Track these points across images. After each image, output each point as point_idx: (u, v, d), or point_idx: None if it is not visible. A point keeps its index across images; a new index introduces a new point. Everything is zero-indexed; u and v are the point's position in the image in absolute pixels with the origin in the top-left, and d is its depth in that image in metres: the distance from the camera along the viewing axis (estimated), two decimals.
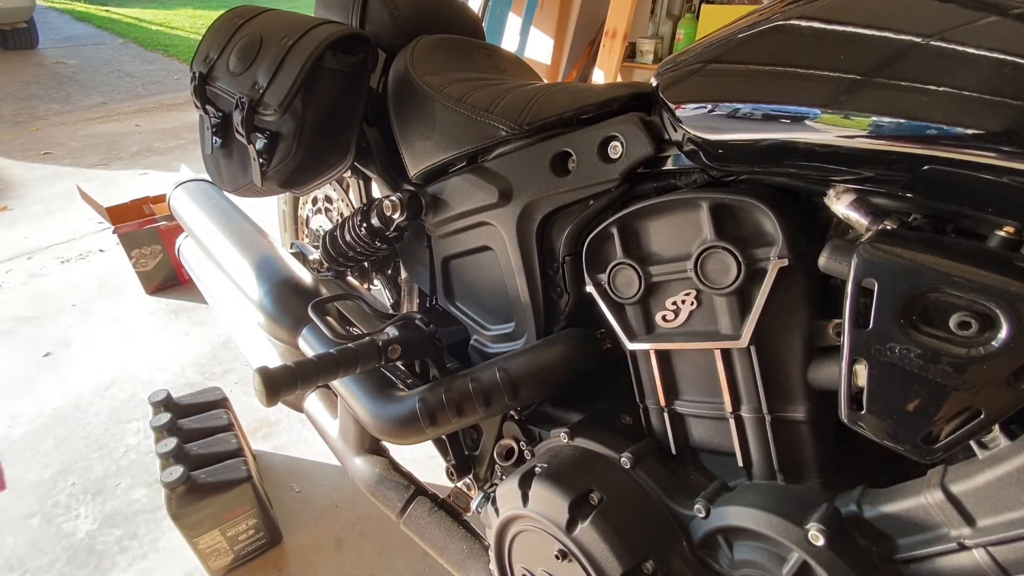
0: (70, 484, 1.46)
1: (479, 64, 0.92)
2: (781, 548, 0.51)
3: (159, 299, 2.24)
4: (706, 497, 0.57)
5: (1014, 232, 0.36)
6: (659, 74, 0.54)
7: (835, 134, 0.40)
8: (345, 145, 0.89)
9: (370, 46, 0.86)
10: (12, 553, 1.29)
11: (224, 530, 1.17)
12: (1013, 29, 0.35)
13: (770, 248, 0.50)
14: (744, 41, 0.47)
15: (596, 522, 0.58)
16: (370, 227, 0.93)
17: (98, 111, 4.74)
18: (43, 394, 1.77)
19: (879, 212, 0.42)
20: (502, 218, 0.74)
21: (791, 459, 0.55)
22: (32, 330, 2.08)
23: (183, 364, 1.88)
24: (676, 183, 0.59)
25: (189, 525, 1.12)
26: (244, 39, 0.88)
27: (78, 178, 3.18)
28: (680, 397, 0.61)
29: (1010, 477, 0.38)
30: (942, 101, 0.35)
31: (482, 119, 0.73)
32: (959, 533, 0.41)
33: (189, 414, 1.30)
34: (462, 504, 0.88)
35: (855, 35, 0.41)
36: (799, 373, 0.52)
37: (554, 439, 0.71)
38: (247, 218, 1.21)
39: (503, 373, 0.69)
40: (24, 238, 2.71)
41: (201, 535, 1.14)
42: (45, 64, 6.13)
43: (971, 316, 0.36)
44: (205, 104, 0.92)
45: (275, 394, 0.67)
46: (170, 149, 3.86)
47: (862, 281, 0.40)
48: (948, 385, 0.38)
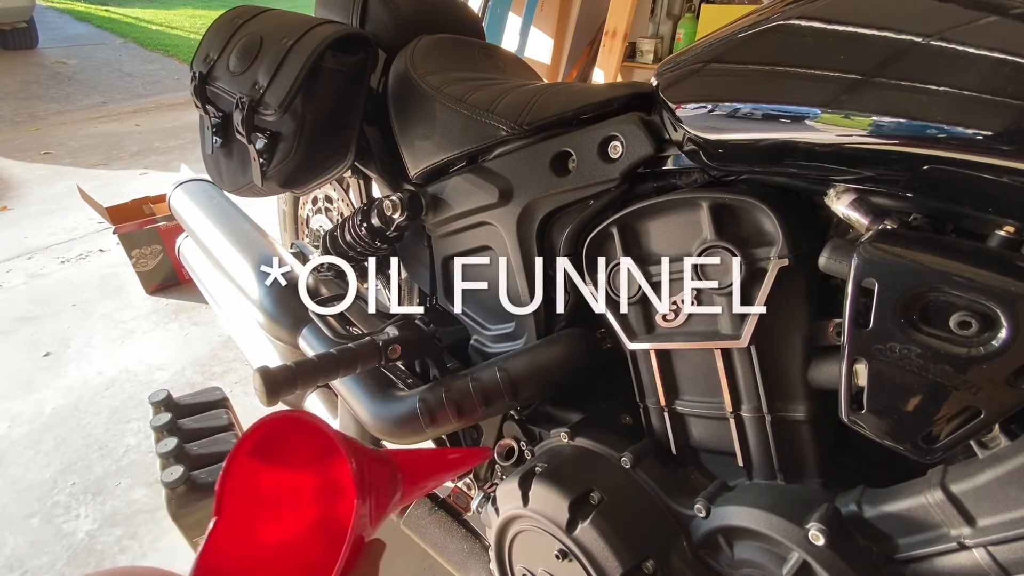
0: (70, 484, 1.46)
1: (479, 64, 0.92)
2: (781, 548, 0.51)
3: (159, 299, 2.24)
4: (706, 497, 0.57)
5: (1014, 232, 0.36)
6: (659, 74, 0.54)
7: (835, 134, 0.40)
8: (345, 145, 0.89)
9: (370, 46, 0.86)
10: (12, 553, 1.29)
11: None
12: (1013, 29, 0.35)
13: (770, 248, 0.50)
14: (744, 41, 0.47)
15: (596, 522, 0.58)
16: (370, 227, 0.93)
17: (98, 111, 4.74)
18: (43, 394, 1.77)
19: (879, 212, 0.42)
20: (502, 218, 0.74)
21: (791, 459, 0.55)
22: (32, 330, 2.08)
23: (183, 364, 1.88)
24: (676, 183, 0.59)
25: (189, 525, 1.11)
26: (244, 39, 0.88)
27: (78, 178, 3.18)
28: (680, 397, 0.61)
29: (1010, 477, 0.38)
30: (942, 101, 0.35)
31: (482, 119, 0.73)
32: (959, 533, 0.41)
33: (189, 414, 1.30)
34: (462, 504, 0.88)
35: (855, 35, 0.41)
36: (799, 373, 0.52)
37: (554, 439, 0.71)
38: (247, 218, 1.21)
39: (503, 373, 0.69)
40: (24, 238, 2.71)
41: (201, 535, 1.13)
42: (45, 64, 6.13)
43: (971, 316, 0.36)
44: (205, 104, 0.92)
45: (275, 394, 0.67)
46: (170, 149, 3.86)
47: (862, 281, 0.40)
48: (948, 385, 0.38)
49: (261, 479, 0.43)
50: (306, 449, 0.44)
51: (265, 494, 0.43)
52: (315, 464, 0.45)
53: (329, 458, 0.44)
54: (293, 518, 0.44)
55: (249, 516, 0.42)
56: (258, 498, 0.43)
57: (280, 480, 0.44)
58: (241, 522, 0.42)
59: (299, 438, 0.43)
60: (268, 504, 0.44)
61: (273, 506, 0.44)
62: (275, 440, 0.43)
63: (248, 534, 0.42)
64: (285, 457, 0.44)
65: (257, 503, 0.43)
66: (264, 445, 0.43)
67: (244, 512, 0.42)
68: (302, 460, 0.44)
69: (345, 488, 0.44)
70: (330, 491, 0.45)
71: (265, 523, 0.43)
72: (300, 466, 0.45)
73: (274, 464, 0.44)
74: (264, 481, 0.43)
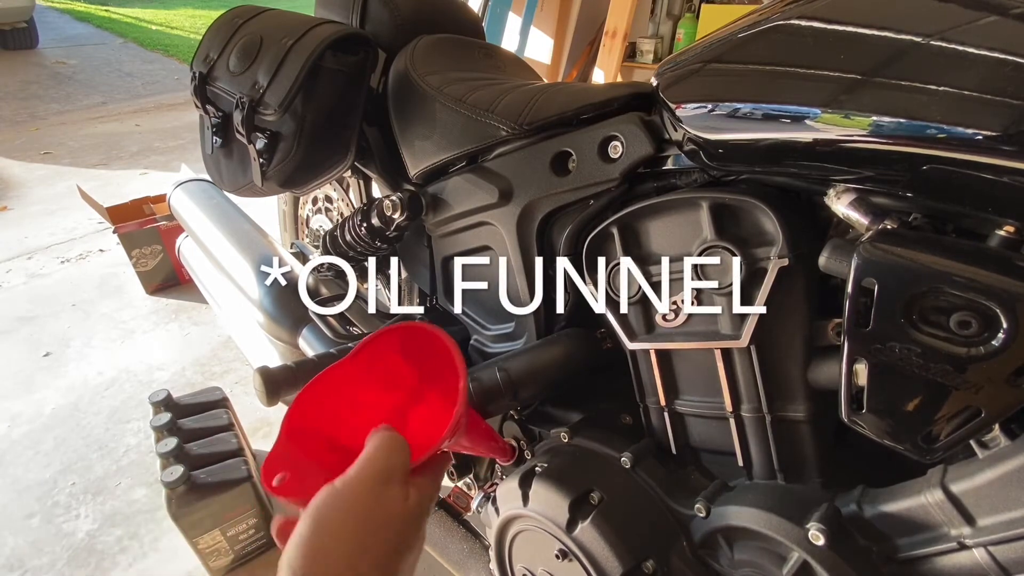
0: (70, 484, 1.46)
1: (479, 64, 0.92)
2: (781, 548, 0.51)
3: (159, 299, 2.24)
4: (706, 497, 0.57)
5: (1014, 232, 0.36)
6: (659, 74, 0.54)
7: (835, 134, 0.40)
8: (345, 145, 0.89)
9: (370, 46, 0.86)
10: (12, 553, 1.29)
11: (224, 530, 1.17)
12: (1013, 29, 0.35)
13: (770, 248, 0.50)
14: (744, 41, 0.47)
15: (596, 522, 0.58)
16: (370, 227, 0.93)
17: (98, 111, 4.74)
18: (43, 394, 1.77)
19: (879, 212, 0.42)
20: (502, 218, 0.74)
21: (791, 459, 0.55)
22: (32, 330, 2.08)
23: (183, 364, 1.88)
24: (676, 183, 0.59)
25: (189, 525, 1.12)
26: (244, 39, 0.88)
27: (78, 178, 3.18)
28: (680, 397, 0.61)
29: (1010, 477, 0.38)
30: (942, 101, 0.35)
31: (482, 119, 0.73)
32: (959, 533, 0.41)
33: (189, 414, 1.30)
34: (462, 504, 0.88)
35: (855, 35, 0.41)
36: (799, 373, 0.52)
37: (554, 439, 0.71)
38: (247, 218, 1.22)
39: (503, 373, 0.69)
40: (24, 238, 2.71)
41: (201, 535, 1.14)
42: (45, 64, 6.13)
43: (971, 316, 0.36)
44: (205, 104, 0.92)
45: (275, 394, 0.67)
46: (170, 149, 3.86)
47: (862, 281, 0.40)
48: (948, 385, 0.38)
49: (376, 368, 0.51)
50: (416, 359, 0.51)
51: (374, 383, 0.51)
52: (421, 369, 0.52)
53: (430, 375, 0.52)
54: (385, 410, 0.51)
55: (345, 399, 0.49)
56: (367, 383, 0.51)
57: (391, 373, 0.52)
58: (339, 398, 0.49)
59: (417, 344, 0.50)
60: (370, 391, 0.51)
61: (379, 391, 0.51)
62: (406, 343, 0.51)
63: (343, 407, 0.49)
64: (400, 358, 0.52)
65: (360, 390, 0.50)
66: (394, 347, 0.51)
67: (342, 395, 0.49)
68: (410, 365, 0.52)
69: (430, 400, 0.52)
70: (416, 399, 0.53)
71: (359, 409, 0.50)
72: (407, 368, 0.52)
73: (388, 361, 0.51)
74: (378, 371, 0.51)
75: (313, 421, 0.47)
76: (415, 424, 0.51)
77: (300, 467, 0.44)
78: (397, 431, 0.43)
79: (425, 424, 0.50)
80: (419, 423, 0.51)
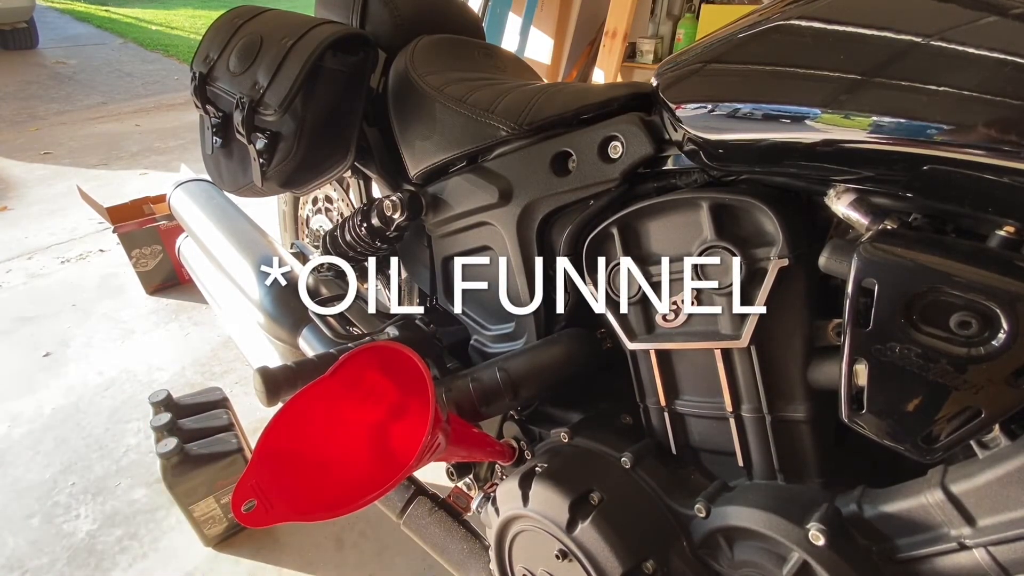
0: (70, 484, 1.46)
1: (479, 64, 0.92)
2: (781, 548, 0.51)
3: (159, 299, 2.24)
4: (706, 497, 0.57)
5: (1014, 232, 0.36)
6: (659, 74, 0.54)
7: (835, 134, 0.40)
8: (345, 145, 0.89)
9: (370, 46, 0.86)
10: (12, 553, 1.29)
11: (218, 497, 1.21)
12: (1013, 29, 0.35)
13: (770, 248, 0.50)
14: (744, 41, 0.47)
15: (596, 522, 0.58)
16: (370, 227, 0.93)
17: (98, 111, 4.74)
18: (43, 394, 1.76)
19: (879, 212, 0.42)
20: (502, 218, 0.74)
21: (791, 459, 0.55)
22: (32, 330, 2.07)
23: (183, 364, 1.88)
24: (676, 183, 0.59)
25: (184, 493, 1.16)
26: (244, 39, 0.88)
27: (78, 178, 3.18)
28: (680, 397, 0.61)
29: (1010, 477, 0.38)
30: (942, 101, 0.35)
31: (482, 119, 0.73)
32: (959, 533, 0.41)
33: (189, 414, 1.30)
34: (462, 504, 0.88)
35: (855, 35, 0.41)
36: (799, 373, 0.52)
37: (554, 439, 0.71)
38: (247, 218, 1.21)
39: (503, 373, 0.69)
40: (24, 238, 2.71)
41: (196, 502, 1.19)
42: (45, 64, 6.13)
43: (971, 316, 0.36)
44: (205, 104, 0.92)
45: (275, 394, 0.67)
46: (170, 149, 3.86)
47: (862, 281, 0.40)
48: (948, 385, 0.38)
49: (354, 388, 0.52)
50: (395, 376, 0.52)
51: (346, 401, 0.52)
52: (395, 392, 0.53)
53: (408, 391, 0.52)
54: (355, 433, 0.52)
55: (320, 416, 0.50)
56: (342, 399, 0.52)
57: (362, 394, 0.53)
58: (311, 417, 0.50)
59: (395, 362, 0.51)
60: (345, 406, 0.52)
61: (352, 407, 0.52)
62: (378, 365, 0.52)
63: (311, 431, 0.50)
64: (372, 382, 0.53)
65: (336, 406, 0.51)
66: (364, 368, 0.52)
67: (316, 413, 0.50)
68: (384, 387, 0.53)
69: (411, 414, 0.53)
70: (398, 414, 0.53)
71: (334, 427, 0.51)
72: (382, 391, 0.53)
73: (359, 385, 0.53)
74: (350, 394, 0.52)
75: (289, 442, 0.48)
76: (398, 437, 0.52)
77: (268, 494, 0.45)
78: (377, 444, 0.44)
79: (408, 437, 0.51)
80: (402, 436, 0.52)
